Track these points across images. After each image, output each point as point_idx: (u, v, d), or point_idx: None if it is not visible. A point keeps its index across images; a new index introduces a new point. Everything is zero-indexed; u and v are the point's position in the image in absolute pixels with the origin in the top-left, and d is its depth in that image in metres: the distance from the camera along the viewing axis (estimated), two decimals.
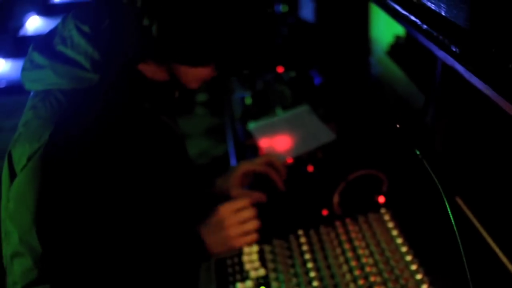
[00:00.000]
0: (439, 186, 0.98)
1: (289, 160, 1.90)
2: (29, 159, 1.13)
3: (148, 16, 1.12)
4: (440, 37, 1.26)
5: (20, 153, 1.16)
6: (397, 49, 2.51)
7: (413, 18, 1.38)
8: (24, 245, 1.13)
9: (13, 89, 5.33)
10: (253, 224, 1.42)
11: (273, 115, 2.22)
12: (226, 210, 1.41)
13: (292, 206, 1.64)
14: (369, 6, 2.65)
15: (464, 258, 1.04)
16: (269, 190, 1.63)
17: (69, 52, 1.18)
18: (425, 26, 1.31)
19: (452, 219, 0.95)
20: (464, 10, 1.17)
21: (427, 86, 2.10)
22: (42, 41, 1.25)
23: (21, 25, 7.10)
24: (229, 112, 2.47)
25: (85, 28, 1.19)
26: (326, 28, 2.97)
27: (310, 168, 1.84)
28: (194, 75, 1.26)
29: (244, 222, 1.41)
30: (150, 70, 1.24)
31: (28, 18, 7.31)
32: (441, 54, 1.31)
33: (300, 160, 1.90)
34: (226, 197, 1.61)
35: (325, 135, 1.98)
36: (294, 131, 2.05)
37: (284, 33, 3.38)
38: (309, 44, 3.17)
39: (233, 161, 2.10)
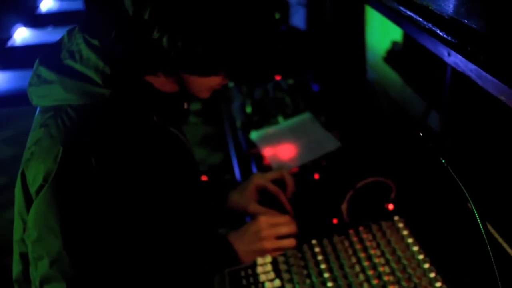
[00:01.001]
0: (467, 195, 0.97)
1: (295, 169, 1.90)
2: (45, 180, 1.12)
3: (157, 28, 1.12)
4: (454, 40, 1.26)
5: (35, 174, 1.14)
6: (394, 54, 2.52)
7: (425, 22, 1.39)
8: (56, 269, 1.12)
9: (2, 100, 5.30)
10: (290, 242, 1.46)
11: (275, 123, 2.21)
12: (266, 221, 1.46)
13: (301, 215, 1.63)
14: (365, 12, 2.66)
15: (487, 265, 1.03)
16: (276, 207, 1.63)
17: (78, 67, 1.17)
18: (438, 31, 1.32)
19: (482, 230, 0.94)
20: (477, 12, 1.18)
21: (428, 91, 2.12)
22: (48, 55, 1.23)
23: (8, 36, 7.06)
24: (229, 121, 2.47)
25: (95, 42, 1.18)
26: (319, 34, 2.98)
27: (317, 176, 1.83)
28: (205, 84, 1.26)
29: (281, 237, 1.45)
30: (159, 81, 1.23)
31: (16, 29, 7.27)
32: (451, 60, 1.32)
33: (306, 168, 1.90)
34: (243, 213, 1.61)
35: (330, 143, 1.98)
36: (298, 139, 2.04)
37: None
38: (302, 51, 3.17)
39: (236, 171, 2.10)
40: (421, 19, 1.32)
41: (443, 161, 1.00)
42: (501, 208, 1.38)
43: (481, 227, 0.94)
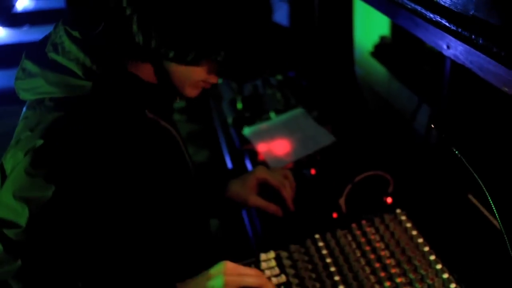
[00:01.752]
0: (482, 185, 0.98)
1: (290, 164, 1.90)
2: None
3: (133, 9, 1.11)
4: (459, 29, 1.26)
5: (12, 164, 1.13)
6: (382, 49, 2.53)
7: (426, 12, 1.39)
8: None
9: None
10: None
11: (267, 119, 2.21)
12: (232, 267, 1.24)
13: (300, 210, 1.63)
14: (353, 6, 2.66)
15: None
16: (277, 203, 1.62)
17: (60, 59, 1.16)
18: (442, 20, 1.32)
19: (498, 218, 0.95)
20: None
21: (418, 85, 2.13)
22: (34, 49, 1.22)
23: (12, 5, 6.96)
24: (219, 117, 2.46)
25: (75, 34, 1.16)
26: (304, 30, 2.98)
27: (313, 171, 1.83)
28: (188, 76, 1.23)
29: None
30: (144, 73, 1.21)
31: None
32: (450, 52, 1.32)
33: (301, 163, 1.90)
34: (243, 205, 1.60)
35: (324, 137, 1.98)
36: (292, 134, 2.04)
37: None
38: (286, 47, 3.17)
39: (230, 167, 2.09)
40: (424, 10, 1.33)
41: (456, 152, 1.00)
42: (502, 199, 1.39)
43: (497, 216, 0.94)
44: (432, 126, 1.10)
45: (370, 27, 2.62)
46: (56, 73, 1.15)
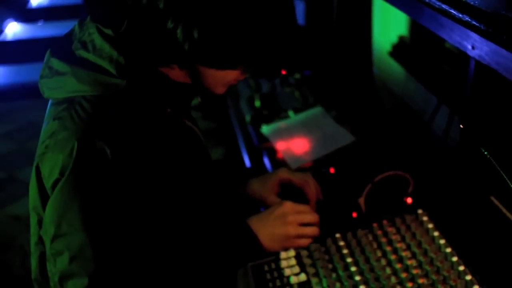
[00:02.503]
0: (510, 184, 0.97)
1: (309, 163, 1.90)
2: (61, 174, 1.10)
3: (173, 18, 1.10)
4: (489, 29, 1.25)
5: (50, 168, 1.13)
6: (401, 49, 2.52)
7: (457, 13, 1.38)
8: (76, 264, 1.11)
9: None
10: (313, 230, 1.46)
11: (285, 117, 2.21)
12: (292, 207, 1.45)
13: (320, 209, 1.62)
14: (372, 6, 2.65)
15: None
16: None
17: (91, 57, 1.15)
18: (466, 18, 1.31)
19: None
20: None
21: (437, 85, 2.12)
22: (59, 46, 1.22)
23: (0, 31, 7.01)
24: (237, 115, 2.46)
25: (108, 32, 1.16)
26: (321, 29, 2.98)
27: (332, 171, 1.83)
28: (221, 78, 1.24)
29: (305, 225, 1.45)
30: (174, 73, 1.21)
31: (7, 24, 7.20)
32: (475, 53, 1.31)
33: (320, 162, 1.90)
34: (262, 203, 1.60)
35: (343, 137, 1.97)
36: (310, 133, 2.04)
37: None
38: (303, 45, 3.17)
39: (248, 165, 2.09)
40: (451, 9, 1.32)
41: (485, 152, 1.00)
42: None
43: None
44: (462, 126, 1.09)
45: (388, 26, 2.61)
46: (87, 71, 1.15)
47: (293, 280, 1.34)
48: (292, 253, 1.42)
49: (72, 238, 1.11)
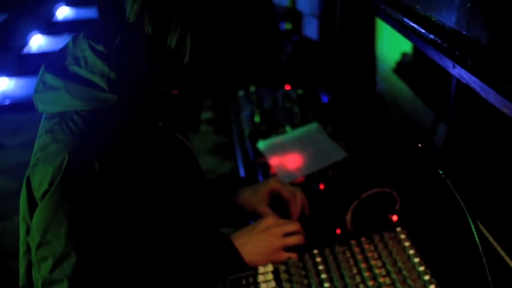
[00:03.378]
0: (463, 205, 0.97)
1: (301, 179, 1.90)
2: (50, 185, 1.13)
3: (159, 36, 1.15)
4: (456, 52, 1.26)
5: (40, 179, 1.15)
6: (404, 66, 2.52)
7: (428, 34, 1.39)
8: (59, 271, 1.14)
9: (17, 107, 5.36)
10: (298, 238, 1.48)
11: (282, 133, 2.22)
12: (273, 220, 1.48)
13: (305, 225, 1.63)
14: (375, 23, 2.66)
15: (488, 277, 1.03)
16: (285, 215, 1.63)
17: (83, 73, 1.18)
18: (439, 41, 1.32)
19: (477, 239, 0.94)
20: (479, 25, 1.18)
21: (437, 103, 2.11)
22: (53, 62, 1.24)
23: (24, 43, 7.15)
24: (237, 129, 2.48)
25: (100, 48, 1.19)
26: (330, 45, 2.99)
27: (322, 187, 1.84)
28: None
29: (288, 235, 1.47)
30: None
31: (32, 36, 7.35)
32: (455, 72, 1.32)
33: (311, 178, 1.90)
34: (250, 212, 1.61)
35: (336, 153, 1.98)
36: (304, 149, 2.05)
37: (289, 51, 3.41)
38: (313, 61, 3.18)
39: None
40: (423, 31, 1.33)
41: (440, 172, 1.00)
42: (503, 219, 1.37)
43: (476, 237, 0.93)
44: (420, 145, 1.10)
45: (395, 43, 2.62)
46: (80, 86, 1.17)
47: None
48: (270, 268, 1.43)
49: (56, 246, 1.14)
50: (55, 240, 1.13)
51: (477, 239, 0.96)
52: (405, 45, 2.50)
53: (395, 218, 1.60)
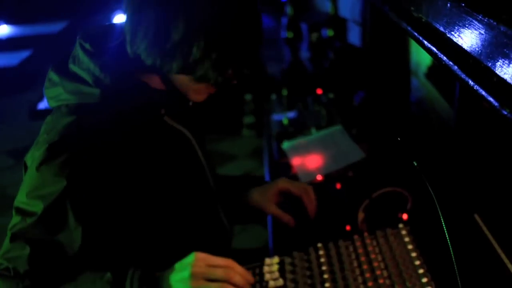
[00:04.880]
0: (433, 195, 1.01)
1: (319, 178, 1.95)
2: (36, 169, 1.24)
3: (147, 43, 1.23)
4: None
5: (30, 163, 1.28)
6: (434, 71, 2.54)
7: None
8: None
9: None
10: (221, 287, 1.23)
11: (307, 134, 2.27)
12: (201, 259, 1.24)
13: (316, 222, 1.68)
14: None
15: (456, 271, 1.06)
16: (298, 213, 1.67)
17: (75, 69, 1.30)
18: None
19: (444, 226, 0.98)
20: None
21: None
22: (60, 60, 1.37)
23: (109, 21, 7.34)
24: (268, 132, 2.55)
25: (87, 46, 1.29)
26: (370, 51, 3.02)
27: (338, 186, 1.88)
28: (188, 83, 1.32)
29: (213, 281, 1.23)
30: (153, 81, 1.34)
31: (115, 15, 7.57)
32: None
33: (330, 177, 1.95)
34: (261, 212, 1.67)
35: (355, 154, 2.02)
36: (325, 150, 2.10)
37: (331, 57, 3.44)
38: (355, 67, 3.21)
39: (267, 179, 2.16)
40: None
41: (415, 163, 1.04)
42: (508, 221, 1.39)
43: (446, 234, 0.97)
44: (398, 139, 1.13)
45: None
46: (72, 82, 1.30)
47: (271, 284, 1.41)
48: (276, 260, 1.48)
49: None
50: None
51: (446, 234, 0.99)
52: None
53: (405, 217, 1.63)
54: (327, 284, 1.35)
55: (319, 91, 2.78)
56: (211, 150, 1.65)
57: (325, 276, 1.38)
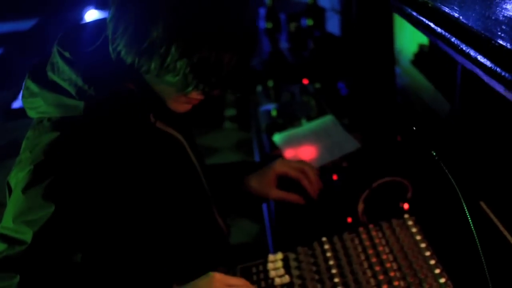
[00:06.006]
0: (456, 187, 0.98)
1: None
2: (23, 191, 1.14)
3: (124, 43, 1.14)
4: (462, 46, 1.26)
5: (15, 183, 1.18)
6: (421, 58, 2.51)
7: (433, 26, 1.39)
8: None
9: None
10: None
11: (298, 126, 2.24)
12: (219, 280, 1.22)
13: (317, 215, 1.65)
14: (393, 16, 2.65)
15: (483, 261, 1.04)
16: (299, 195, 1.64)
17: (56, 79, 1.20)
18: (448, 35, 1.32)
19: (470, 220, 0.95)
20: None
21: (451, 92, 2.10)
22: (37, 67, 1.26)
23: (80, 18, 7.23)
24: (255, 124, 2.50)
25: (66, 54, 1.19)
26: (351, 40, 2.99)
27: (335, 177, 1.85)
28: (165, 91, 1.24)
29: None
30: (138, 86, 1.24)
31: (87, 11, 7.43)
32: (460, 58, 1.32)
33: (325, 169, 1.92)
34: (264, 198, 1.63)
35: (349, 144, 1.99)
36: (319, 141, 2.06)
37: (310, 47, 3.42)
38: (335, 56, 3.19)
39: None
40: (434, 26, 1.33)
41: (433, 153, 1.01)
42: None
43: (470, 223, 0.94)
44: (414, 128, 1.10)
45: (413, 34, 2.61)
46: (53, 93, 1.19)
47: (277, 282, 1.37)
48: (279, 256, 1.45)
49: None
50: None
51: (470, 221, 0.96)
52: (422, 37, 2.49)
53: (406, 206, 1.61)
54: (336, 279, 1.32)
55: (305, 81, 2.75)
56: None
57: (333, 271, 1.35)
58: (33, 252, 1.10)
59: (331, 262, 1.38)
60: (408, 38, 2.62)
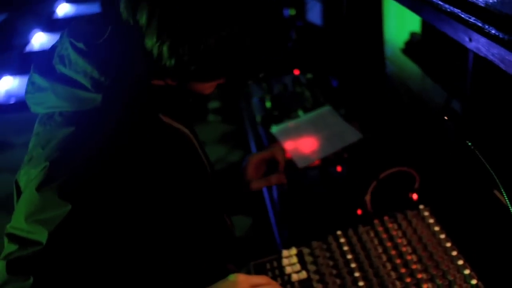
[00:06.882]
0: (495, 177, 0.96)
1: (317, 162, 1.89)
2: (37, 189, 1.08)
3: (157, 35, 1.09)
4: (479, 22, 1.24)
5: (26, 181, 1.12)
6: (413, 46, 2.50)
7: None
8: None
9: (23, 105, 5.33)
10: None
11: (295, 117, 2.21)
12: (244, 281, 1.18)
13: (325, 207, 1.63)
14: (382, 4, 2.64)
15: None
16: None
17: (68, 72, 1.13)
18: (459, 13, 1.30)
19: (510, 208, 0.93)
20: None
21: (450, 81, 2.09)
22: (41, 61, 1.20)
23: (27, 42, 7.12)
24: (248, 116, 2.47)
25: (80, 45, 1.13)
26: (335, 29, 2.97)
27: (339, 169, 1.83)
28: (205, 85, 1.23)
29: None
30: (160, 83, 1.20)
31: (33, 34, 7.33)
32: (472, 45, 1.30)
33: (328, 161, 1.89)
34: (247, 192, 1.59)
35: (351, 135, 1.97)
36: (318, 132, 2.03)
37: (293, 37, 3.39)
38: (318, 46, 3.17)
39: None
40: (441, 2, 1.31)
41: (469, 144, 0.99)
42: None
43: (510, 206, 0.92)
44: (446, 118, 1.08)
45: (403, 23, 2.60)
46: (65, 87, 1.13)
47: (294, 278, 1.34)
48: (293, 251, 1.42)
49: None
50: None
51: (511, 208, 0.95)
52: (413, 25, 2.48)
53: (415, 196, 1.59)
54: (356, 274, 1.30)
55: (296, 72, 2.72)
56: None
57: (352, 265, 1.33)
58: (49, 253, 1.05)
59: (349, 256, 1.36)
60: (397, 26, 2.61)
